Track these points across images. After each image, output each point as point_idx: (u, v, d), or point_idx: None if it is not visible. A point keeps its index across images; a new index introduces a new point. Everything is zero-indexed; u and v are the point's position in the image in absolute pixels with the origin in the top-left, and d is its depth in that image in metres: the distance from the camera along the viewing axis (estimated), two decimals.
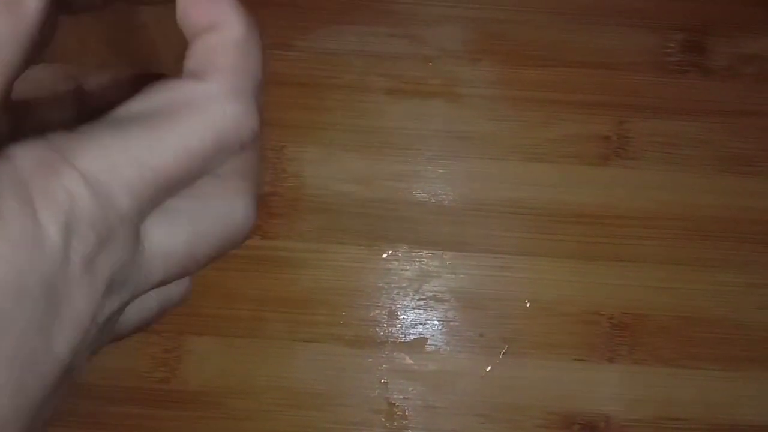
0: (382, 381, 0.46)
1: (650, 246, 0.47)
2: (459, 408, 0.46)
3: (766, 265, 0.47)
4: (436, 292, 0.47)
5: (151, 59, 0.53)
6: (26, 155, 0.18)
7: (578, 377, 0.46)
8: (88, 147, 0.19)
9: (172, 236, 0.20)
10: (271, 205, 0.49)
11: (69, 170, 0.18)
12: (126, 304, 0.21)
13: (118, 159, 0.19)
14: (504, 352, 0.46)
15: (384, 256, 0.47)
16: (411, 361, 0.46)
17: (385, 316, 0.46)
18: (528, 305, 0.46)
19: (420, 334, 0.46)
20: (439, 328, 0.46)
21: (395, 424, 0.45)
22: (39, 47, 0.20)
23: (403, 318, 0.46)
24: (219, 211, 0.21)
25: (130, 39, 0.53)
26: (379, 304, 0.46)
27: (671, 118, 0.48)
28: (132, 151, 0.19)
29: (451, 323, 0.46)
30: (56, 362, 0.18)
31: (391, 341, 0.46)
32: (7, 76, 0.19)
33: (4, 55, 0.19)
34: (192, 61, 0.21)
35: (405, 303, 0.47)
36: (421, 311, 0.46)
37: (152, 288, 0.21)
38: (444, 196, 0.48)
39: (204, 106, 0.20)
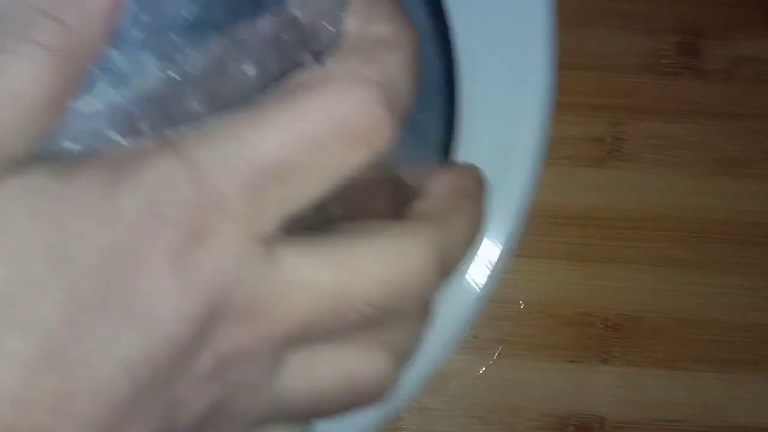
0: None
1: (644, 248, 0.47)
2: (452, 409, 0.46)
3: (761, 267, 0.47)
4: None
5: None
6: (136, 143, 0.17)
7: (572, 379, 0.46)
8: (194, 131, 0.17)
9: (317, 267, 0.17)
10: None
11: (165, 148, 0.16)
12: (268, 342, 0.17)
13: (218, 137, 0.16)
14: (498, 354, 0.46)
15: None
16: None
17: None
18: (522, 306, 0.46)
19: None
20: None
21: (389, 425, 0.45)
22: None
23: None
24: (382, 250, 0.18)
25: None
26: None
27: (665, 120, 0.48)
28: (235, 129, 0.17)
29: None
30: (117, 365, 0.15)
31: None
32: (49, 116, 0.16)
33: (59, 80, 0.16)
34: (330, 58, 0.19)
35: None
36: None
37: (300, 333, 0.17)
38: None
39: (319, 87, 0.17)
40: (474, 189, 0.23)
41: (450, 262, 0.20)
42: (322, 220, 0.19)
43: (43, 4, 0.16)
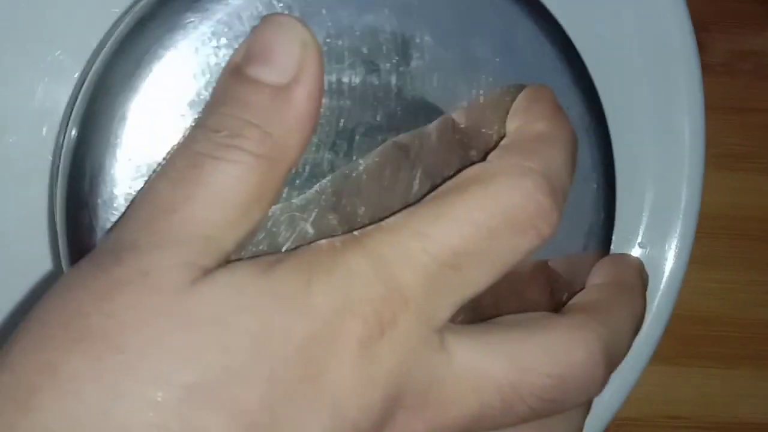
0: None
1: None
2: None
3: (764, 262, 0.46)
4: None
5: None
6: (326, 240, 0.19)
7: None
8: (379, 227, 0.19)
9: (487, 359, 0.18)
10: None
11: (354, 245, 0.18)
12: (440, 431, 0.18)
13: (401, 233, 0.18)
14: None
15: None
16: None
17: None
18: None
19: None
20: None
21: None
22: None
23: None
24: (550, 344, 0.19)
25: None
26: None
27: None
28: (416, 225, 0.18)
29: None
30: None
31: None
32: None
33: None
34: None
35: None
36: None
37: (471, 422, 0.18)
38: None
39: (488, 180, 0.19)
40: (634, 280, 0.24)
41: (616, 356, 0.21)
42: (474, 308, 0.21)
43: (251, 117, 0.18)
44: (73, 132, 0.21)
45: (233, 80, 0.19)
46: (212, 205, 0.18)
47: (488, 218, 0.18)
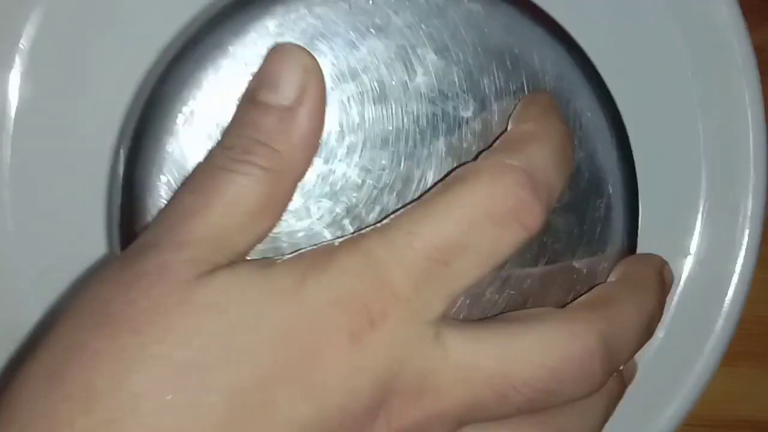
0: None
1: None
2: None
3: (763, 259, 0.46)
4: None
5: None
6: (326, 242, 0.21)
7: None
8: (375, 228, 0.20)
9: (480, 351, 0.19)
10: None
11: (349, 246, 0.20)
12: (437, 419, 0.19)
13: (391, 232, 0.20)
14: None
15: None
16: None
17: None
18: None
19: None
20: None
21: None
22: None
23: None
24: (545, 336, 0.20)
25: None
26: None
27: None
28: (405, 224, 0.20)
29: None
30: (294, 426, 0.18)
31: None
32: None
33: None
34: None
35: None
36: None
37: (467, 412, 0.19)
38: None
39: (470, 177, 0.20)
40: (649, 278, 0.24)
41: (617, 351, 0.21)
42: (503, 308, 0.22)
43: (260, 136, 0.21)
44: (133, 127, 0.24)
45: (247, 105, 0.22)
46: (225, 211, 0.20)
47: (469, 213, 0.20)
